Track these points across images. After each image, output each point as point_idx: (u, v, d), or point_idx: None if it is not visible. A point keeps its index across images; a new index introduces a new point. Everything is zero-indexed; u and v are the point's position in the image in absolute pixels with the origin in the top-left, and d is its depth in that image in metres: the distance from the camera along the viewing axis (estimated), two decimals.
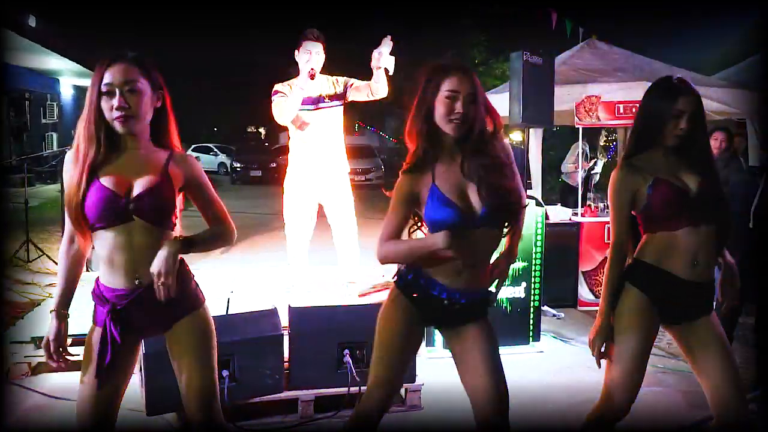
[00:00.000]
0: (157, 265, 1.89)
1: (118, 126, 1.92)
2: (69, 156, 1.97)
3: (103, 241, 1.94)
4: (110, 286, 1.96)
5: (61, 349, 1.97)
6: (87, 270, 5.69)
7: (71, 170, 1.93)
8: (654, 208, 2.23)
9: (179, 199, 2.05)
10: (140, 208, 1.93)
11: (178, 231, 2.05)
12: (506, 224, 2.14)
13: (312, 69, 3.93)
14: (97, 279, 2.01)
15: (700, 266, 2.22)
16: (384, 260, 2.09)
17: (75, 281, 2.02)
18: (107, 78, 1.91)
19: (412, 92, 2.10)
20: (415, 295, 2.08)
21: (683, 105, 2.19)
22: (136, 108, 1.92)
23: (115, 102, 1.90)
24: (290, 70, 4.14)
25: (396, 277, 2.16)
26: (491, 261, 2.17)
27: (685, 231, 2.20)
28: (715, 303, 2.32)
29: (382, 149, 24.54)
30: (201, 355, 2.03)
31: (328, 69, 4.17)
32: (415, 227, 2.15)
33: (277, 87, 4.06)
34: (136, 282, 1.94)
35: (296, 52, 4.05)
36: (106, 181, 1.92)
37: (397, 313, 2.12)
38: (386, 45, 3.82)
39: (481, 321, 2.15)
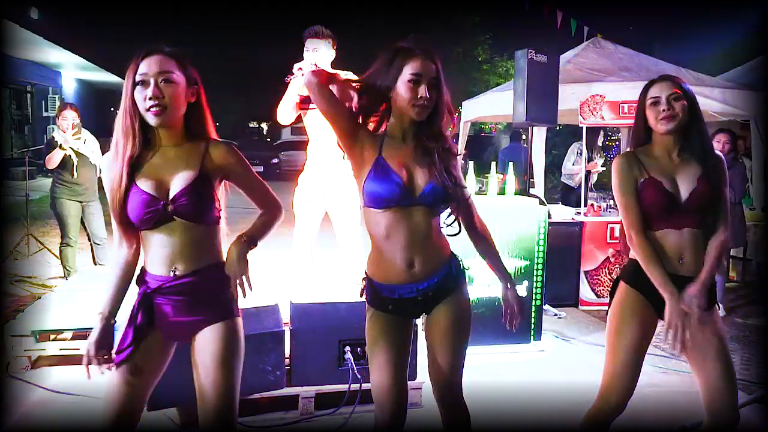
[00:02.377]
0: (230, 268, 1.93)
1: (151, 118, 1.89)
2: (108, 156, 1.94)
3: (147, 240, 1.94)
4: (149, 271, 1.96)
5: (103, 352, 1.94)
6: (94, 264, 5.70)
7: (112, 168, 1.91)
8: (640, 205, 2.28)
9: (221, 191, 2.04)
10: (179, 210, 1.91)
11: (223, 224, 2.04)
12: (448, 213, 2.12)
13: (298, 69, 3.89)
14: (142, 268, 2.01)
15: (686, 263, 2.24)
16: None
17: (125, 288, 1.99)
18: (142, 68, 1.88)
19: (375, 72, 2.06)
20: (390, 307, 2.09)
21: (656, 91, 2.28)
22: (170, 99, 1.89)
23: (149, 92, 1.87)
24: (293, 67, 4.10)
25: (366, 297, 2.15)
26: (437, 241, 2.12)
27: (665, 233, 2.25)
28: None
29: None
30: (225, 368, 1.95)
31: (335, 67, 4.12)
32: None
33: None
34: (172, 274, 1.93)
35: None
36: (143, 183, 1.90)
37: (380, 329, 2.10)
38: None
39: (451, 297, 2.13)
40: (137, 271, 2.02)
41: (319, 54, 3.94)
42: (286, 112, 3.95)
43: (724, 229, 2.26)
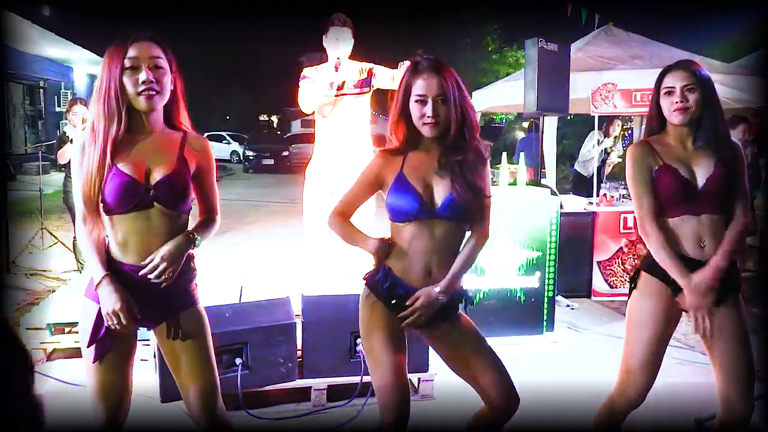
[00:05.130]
0: (166, 254, 1.91)
1: (143, 101, 1.90)
2: (81, 139, 1.93)
3: (119, 226, 1.93)
4: (126, 262, 1.94)
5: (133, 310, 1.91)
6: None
7: (88, 152, 1.89)
8: (656, 193, 2.24)
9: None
10: (160, 195, 1.92)
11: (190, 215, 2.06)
12: (468, 224, 2.12)
13: (338, 58, 3.89)
14: (111, 256, 1.98)
15: (708, 248, 2.20)
16: (329, 227, 2.22)
17: (104, 253, 1.96)
18: (132, 52, 1.89)
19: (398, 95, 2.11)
20: (393, 302, 2.10)
21: (670, 81, 2.24)
22: (160, 86, 1.91)
23: (143, 76, 1.87)
24: (301, 59, 4.09)
25: (370, 281, 2.16)
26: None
27: (684, 219, 2.22)
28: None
29: None
30: (201, 352, 2.02)
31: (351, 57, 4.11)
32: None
33: (305, 72, 4.00)
34: (149, 261, 1.93)
35: (324, 37, 4.00)
36: (123, 166, 1.89)
37: (379, 321, 2.12)
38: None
39: (454, 318, 2.15)
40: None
41: (344, 43, 3.93)
42: (313, 99, 3.92)
43: (744, 214, 2.22)
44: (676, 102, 2.21)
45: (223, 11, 30.82)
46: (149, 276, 1.90)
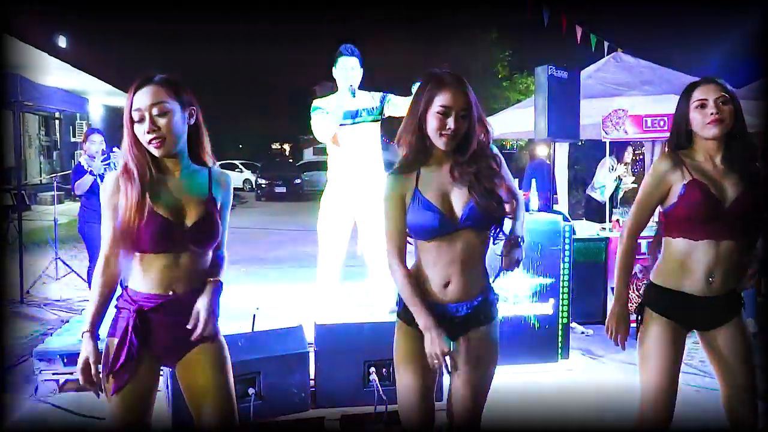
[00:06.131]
0: (206, 308, 1.95)
1: (154, 151, 1.92)
2: (114, 177, 1.94)
3: (147, 263, 1.94)
4: (141, 291, 1.95)
5: (99, 371, 1.92)
6: (121, 287, 5.70)
7: (125, 191, 1.90)
8: (680, 209, 2.19)
9: None
10: (197, 238, 1.95)
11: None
12: (493, 230, 2.10)
13: (351, 85, 3.95)
14: (125, 288, 2.00)
15: (715, 282, 2.19)
16: (391, 276, 2.13)
17: (108, 302, 1.99)
18: (136, 103, 1.90)
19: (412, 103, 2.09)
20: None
21: (702, 93, 2.20)
22: (167, 130, 1.90)
23: (145, 127, 1.89)
24: (315, 88, 4.16)
25: (398, 309, 2.15)
26: (479, 266, 2.12)
27: (705, 243, 2.17)
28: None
29: None
30: (220, 381, 2.00)
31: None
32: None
33: (316, 103, 4.05)
34: (170, 293, 1.95)
35: (334, 67, 4.06)
36: (159, 208, 1.91)
37: (407, 344, 2.10)
38: None
39: (482, 329, 2.11)
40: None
41: (353, 72, 3.99)
42: (330, 130, 3.96)
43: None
44: (711, 114, 2.15)
45: (235, 40, 31.35)
46: (195, 335, 1.94)
